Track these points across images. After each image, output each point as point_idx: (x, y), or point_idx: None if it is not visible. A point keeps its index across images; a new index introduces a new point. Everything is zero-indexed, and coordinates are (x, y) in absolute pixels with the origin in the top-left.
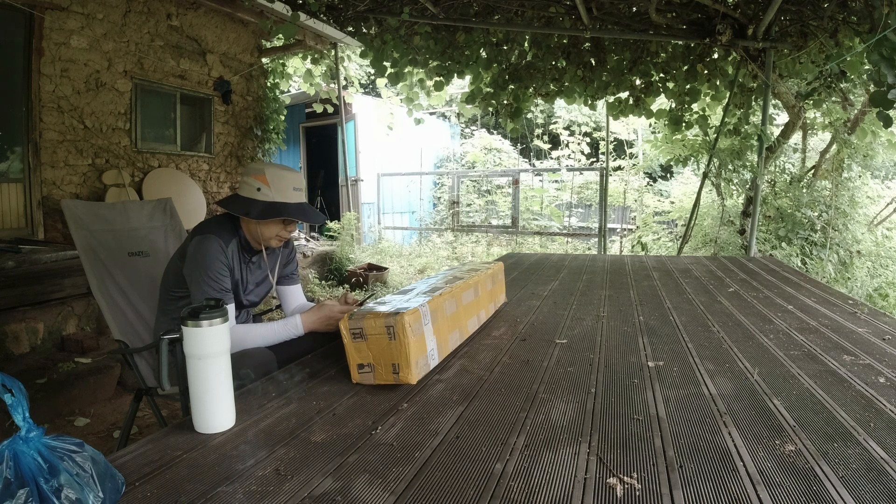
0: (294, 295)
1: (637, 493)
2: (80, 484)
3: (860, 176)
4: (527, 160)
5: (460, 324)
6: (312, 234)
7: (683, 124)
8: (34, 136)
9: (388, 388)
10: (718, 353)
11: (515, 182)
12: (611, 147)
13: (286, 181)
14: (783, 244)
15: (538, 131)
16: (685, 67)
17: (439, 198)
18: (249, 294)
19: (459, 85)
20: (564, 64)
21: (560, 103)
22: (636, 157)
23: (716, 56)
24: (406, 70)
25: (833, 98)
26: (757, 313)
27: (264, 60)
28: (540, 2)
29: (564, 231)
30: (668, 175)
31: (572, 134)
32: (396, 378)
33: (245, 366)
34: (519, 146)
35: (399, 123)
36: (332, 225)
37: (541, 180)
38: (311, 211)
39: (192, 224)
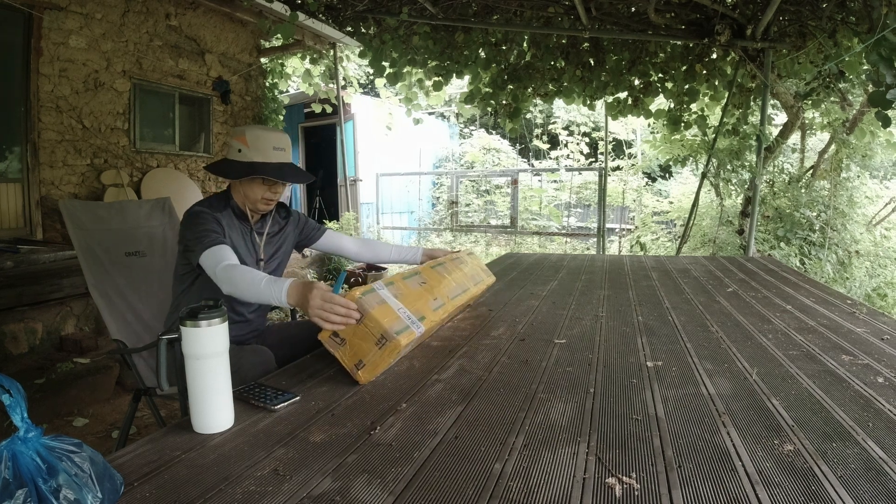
0: (337, 238)
1: (636, 493)
2: (79, 484)
3: (859, 176)
4: (525, 160)
5: (437, 293)
6: None
7: (682, 124)
8: (33, 136)
9: (387, 387)
10: (717, 353)
11: (514, 182)
12: (609, 147)
13: (265, 140)
14: (782, 244)
15: (537, 131)
16: (684, 67)
17: (438, 198)
18: (272, 260)
19: (458, 85)
20: (563, 64)
21: (559, 103)
22: (635, 157)
23: (714, 56)
24: (405, 70)
25: (832, 98)
26: (756, 313)
27: (263, 60)
28: (539, 2)
29: (563, 231)
30: (667, 175)
31: (571, 134)
32: (354, 371)
33: (244, 365)
34: (518, 146)
35: (398, 123)
36: (331, 225)
37: (539, 180)
38: (291, 171)
39: None
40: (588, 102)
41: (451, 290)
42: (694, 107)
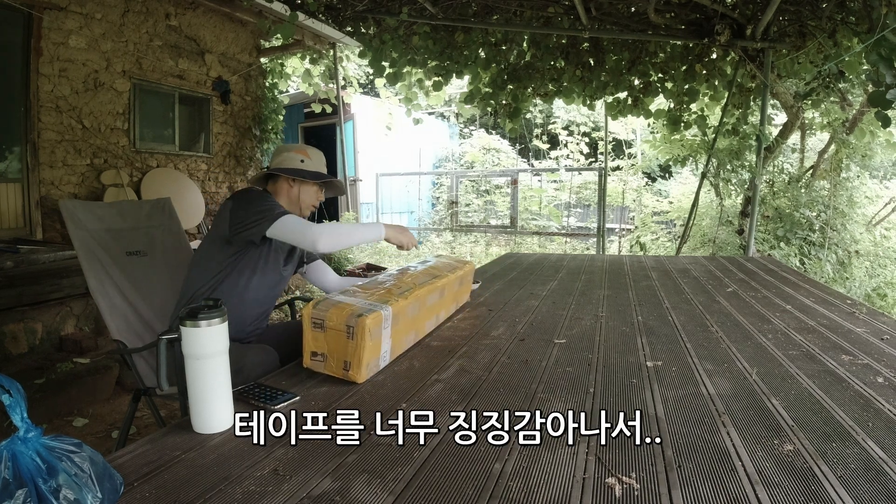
0: (325, 269)
1: (636, 493)
2: (79, 484)
3: (858, 176)
4: (525, 160)
5: (417, 326)
6: None
7: (682, 124)
8: (32, 136)
9: (387, 388)
10: (717, 352)
11: (514, 182)
12: (609, 147)
13: (321, 157)
14: (781, 244)
15: (537, 131)
16: (684, 67)
17: (438, 198)
18: (287, 267)
19: (458, 85)
20: (563, 64)
21: (559, 103)
22: (635, 157)
23: (714, 56)
24: (405, 70)
25: (831, 98)
26: (755, 313)
27: (263, 60)
28: (538, 2)
29: (563, 231)
30: (667, 175)
31: (571, 134)
32: (346, 374)
33: (247, 364)
34: (517, 146)
35: (398, 123)
36: None
37: (539, 180)
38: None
39: (190, 224)
40: (588, 102)
41: (417, 279)
42: (694, 107)
